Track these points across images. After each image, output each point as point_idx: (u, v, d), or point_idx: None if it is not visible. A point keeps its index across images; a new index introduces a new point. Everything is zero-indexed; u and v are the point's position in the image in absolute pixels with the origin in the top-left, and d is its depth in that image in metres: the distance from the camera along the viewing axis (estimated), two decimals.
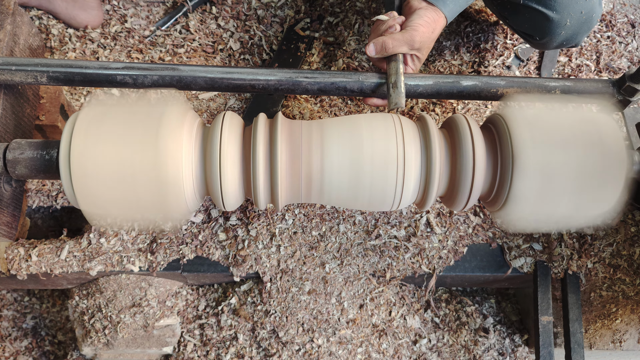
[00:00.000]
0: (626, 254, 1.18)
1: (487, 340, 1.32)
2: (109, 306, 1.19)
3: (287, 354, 1.20)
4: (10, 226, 1.01)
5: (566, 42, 1.16)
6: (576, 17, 1.09)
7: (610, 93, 0.98)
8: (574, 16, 1.09)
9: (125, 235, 1.17)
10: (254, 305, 1.21)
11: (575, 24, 1.11)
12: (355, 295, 1.22)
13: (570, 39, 1.15)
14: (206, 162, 0.79)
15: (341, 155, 0.80)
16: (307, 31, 1.43)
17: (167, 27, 1.44)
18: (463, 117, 0.84)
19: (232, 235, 1.18)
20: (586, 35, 1.18)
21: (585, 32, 1.14)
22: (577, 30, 1.13)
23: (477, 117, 1.33)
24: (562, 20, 1.09)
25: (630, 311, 1.15)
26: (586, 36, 1.18)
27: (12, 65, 0.91)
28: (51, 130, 1.13)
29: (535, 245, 1.20)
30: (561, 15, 1.08)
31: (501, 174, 0.80)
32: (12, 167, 0.81)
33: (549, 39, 1.15)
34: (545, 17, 1.10)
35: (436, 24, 0.98)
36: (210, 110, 1.33)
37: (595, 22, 1.13)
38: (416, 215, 1.22)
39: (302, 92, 0.97)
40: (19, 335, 1.45)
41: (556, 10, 1.08)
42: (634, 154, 0.86)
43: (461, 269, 1.20)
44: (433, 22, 0.97)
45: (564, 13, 1.08)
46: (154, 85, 0.94)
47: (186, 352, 1.26)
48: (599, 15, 1.12)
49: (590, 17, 1.10)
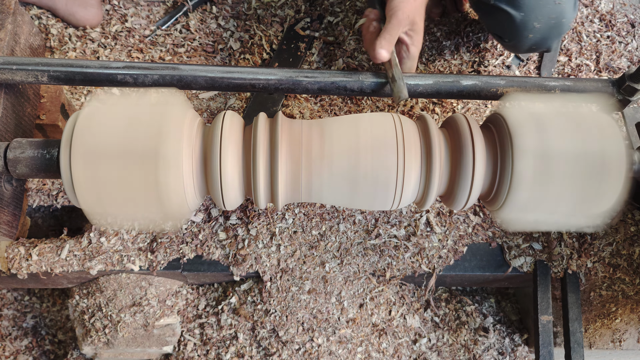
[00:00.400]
0: (626, 253, 1.18)
1: (486, 339, 1.32)
2: (109, 305, 1.19)
3: (287, 353, 1.20)
4: (10, 225, 1.01)
5: (536, 45, 1.16)
6: (544, 21, 1.09)
7: (609, 92, 0.98)
8: (541, 20, 1.08)
9: (126, 234, 1.17)
10: (254, 305, 1.22)
11: (544, 28, 1.10)
12: (355, 294, 1.22)
13: (540, 43, 1.15)
14: (206, 161, 0.79)
15: (341, 155, 0.80)
16: (307, 31, 1.43)
17: (168, 26, 1.44)
18: (463, 116, 0.84)
19: (232, 235, 1.18)
20: (558, 40, 1.17)
21: (556, 37, 1.14)
22: (546, 35, 1.12)
23: (477, 116, 1.33)
24: (530, 23, 1.09)
25: (630, 311, 1.15)
26: (558, 41, 1.17)
27: (13, 65, 0.91)
28: (52, 130, 1.13)
29: (535, 244, 1.21)
30: (529, 17, 1.08)
31: (501, 172, 0.80)
32: (13, 166, 0.81)
33: (517, 41, 1.15)
34: (513, 19, 1.09)
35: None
36: (210, 109, 1.33)
37: (567, 27, 1.12)
38: (416, 214, 1.22)
39: (302, 91, 0.97)
40: (19, 335, 1.45)
41: (524, 13, 1.08)
42: (634, 153, 0.86)
43: (461, 268, 1.20)
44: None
45: (531, 16, 1.08)
46: (154, 85, 0.94)
47: (186, 351, 1.26)
48: (570, 20, 1.12)
49: (559, 22, 1.09)
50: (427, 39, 1.42)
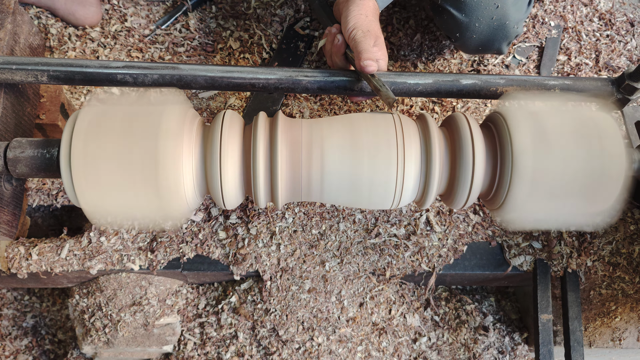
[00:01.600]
0: (625, 252, 1.18)
1: (486, 338, 1.32)
2: (109, 305, 1.19)
3: (287, 352, 1.20)
4: (10, 225, 1.01)
5: (482, 47, 1.18)
6: (486, 23, 1.11)
7: (609, 91, 0.98)
8: (483, 21, 1.11)
9: (126, 233, 1.17)
10: (254, 304, 1.22)
11: (486, 30, 1.13)
12: (355, 293, 1.22)
13: (487, 45, 1.17)
14: (206, 160, 0.79)
15: (341, 154, 0.80)
16: (306, 30, 1.43)
17: (167, 26, 1.44)
18: (463, 115, 0.84)
19: (232, 234, 1.18)
20: (507, 43, 1.19)
21: (503, 40, 1.16)
22: (491, 37, 1.15)
23: (477, 116, 1.33)
24: (471, 24, 1.12)
25: (629, 309, 1.15)
26: (507, 44, 1.18)
27: (12, 64, 0.91)
28: (51, 129, 1.13)
29: (534, 243, 1.21)
30: (470, 19, 1.11)
31: (500, 171, 0.81)
32: (13, 165, 0.81)
33: (462, 42, 1.18)
34: (456, 20, 1.12)
35: (366, 9, 0.97)
36: (210, 109, 1.33)
37: (512, 30, 1.13)
38: (416, 213, 1.22)
39: (302, 90, 0.97)
40: (19, 334, 1.45)
41: (465, 14, 1.11)
42: (633, 152, 0.86)
43: (461, 267, 1.20)
44: (362, 8, 0.97)
45: (472, 17, 1.11)
46: (154, 84, 0.94)
47: (186, 350, 1.26)
48: (516, 23, 1.13)
49: (502, 23, 1.11)
50: (426, 38, 1.42)
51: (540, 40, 1.45)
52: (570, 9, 1.51)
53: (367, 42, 0.91)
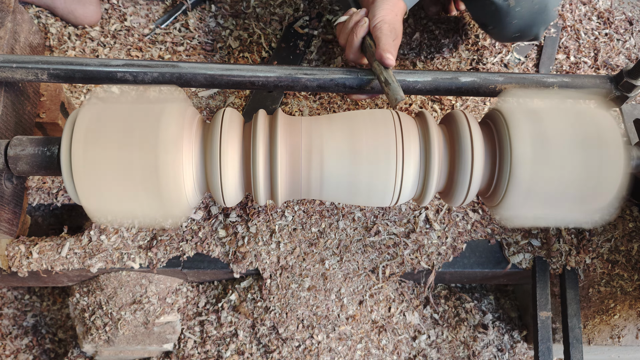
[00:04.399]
0: (624, 249, 1.19)
1: (486, 336, 1.32)
2: (110, 303, 1.20)
3: (287, 350, 1.20)
4: (11, 223, 1.01)
5: (521, 33, 1.17)
6: (527, 7, 1.10)
7: (607, 89, 0.98)
8: (524, 5, 1.09)
9: (126, 232, 1.17)
10: (253, 302, 1.22)
11: (527, 14, 1.11)
12: (355, 291, 1.23)
13: (526, 30, 1.16)
14: (206, 158, 0.79)
15: (341, 152, 0.80)
16: (305, 29, 1.43)
17: (167, 25, 1.44)
18: (462, 112, 0.85)
19: (232, 232, 1.18)
20: (544, 28, 1.18)
21: (542, 24, 1.15)
22: (530, 22, 1.13)
23: (476, 114, 1.34)
24: (512, 8, 1.10)
25: (628, 307, 1.16)
26: (544, 29, 1.18)
27: (12, 63, 0.91)
28: (51, 128, 1.13)
29: (533, 241, 1.21)
30: (511, 2, 1.09)
31: (499, 169, 0.81)
32: (14, 163, 0.81)
33: (501, 28, 1.16)
34: (497, 5, 1.11)
35: (397, 8, 0.99)
36: (209, 107, 1.33)
37: (552, 14, 1.13)
38: (415, 211, 1.22)
39: (301, 88, 0.97)
40: (20, 334, 1.45)
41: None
42: (632, 149, 0.87)
43: (460, 265, 1.20)
44: (394, 6, 0.98)
45: (514, 1, 1.09)
46: (154, 82, 0.94)
47: (186, 348, 1.26)
48: (555, 5, 1.12)
49: (544, 7, 1.10)
50: (425, 37, 1.43)
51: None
52: (569, 7, 1.52)
53: (390, 37, 0.93)
